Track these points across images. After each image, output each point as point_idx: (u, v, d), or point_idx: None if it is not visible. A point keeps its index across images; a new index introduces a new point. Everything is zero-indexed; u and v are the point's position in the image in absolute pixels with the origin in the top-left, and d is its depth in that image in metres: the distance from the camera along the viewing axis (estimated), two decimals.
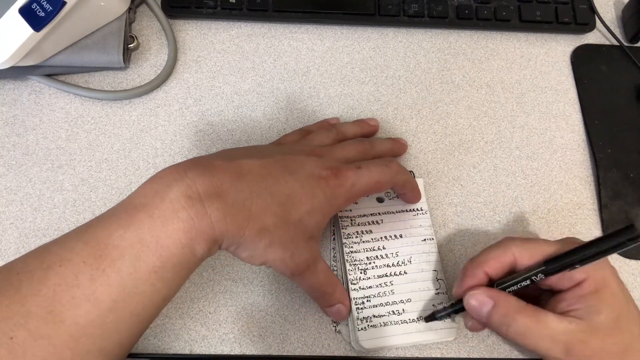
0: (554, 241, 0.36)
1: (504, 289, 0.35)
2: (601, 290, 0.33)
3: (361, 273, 0.40)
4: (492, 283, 0.36)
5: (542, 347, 0.33)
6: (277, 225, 0.32)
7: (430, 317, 0.39)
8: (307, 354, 0.39)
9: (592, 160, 0.47)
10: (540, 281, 0.34)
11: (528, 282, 0.34)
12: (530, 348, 0.33)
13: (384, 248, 0.41)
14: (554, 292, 0.36)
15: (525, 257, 0.35)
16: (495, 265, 0.35)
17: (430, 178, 0.45)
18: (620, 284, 0.35)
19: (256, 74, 0.49)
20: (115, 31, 0.46)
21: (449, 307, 0.37)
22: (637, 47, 0.52)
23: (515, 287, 0.35)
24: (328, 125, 0.44)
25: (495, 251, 0.36)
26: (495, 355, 0.40)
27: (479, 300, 0.34)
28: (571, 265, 0.33)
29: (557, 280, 0.34)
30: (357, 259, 0.40)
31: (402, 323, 0.39)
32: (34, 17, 0.40)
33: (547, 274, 0.34)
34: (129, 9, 0.48)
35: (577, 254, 0.33)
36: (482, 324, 0.36)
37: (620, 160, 0.46)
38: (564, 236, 0.39)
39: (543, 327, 0.33)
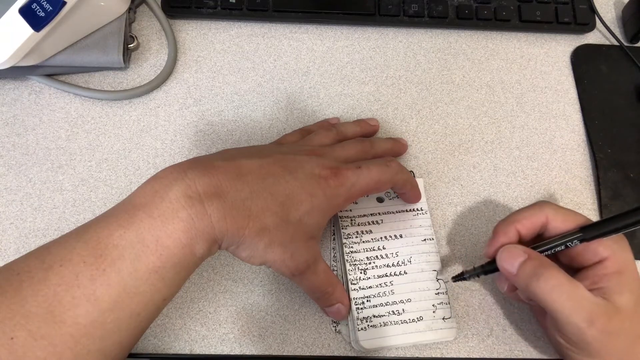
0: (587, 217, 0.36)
1: (539, 250, 0.35)
2: (623, 272, 0.33)
3: (361, 273, 0.40)
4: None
5: (567, 307, 0.32)
6: (277, 225, 0.32)
7: (458, 277, 0.39)
8: (307, 354, 0.39)
9: (592, 160, 0.47)
10: (573, 247, 0.34)
11: (563, 247, 0.34)
12: (554, 306, 0.32)
13: (384, 248, 0.41)
14: (574, 271, 0.35)
15: (558, 220, 0.35)
16: (527, 224, 0.35)
17: (430, 178, 0.45)
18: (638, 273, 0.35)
19: (256, 74, 0.49)
20: (115, 31, 0.46)
21: (479, 267, 0.37)
22: (637, 47, 0.52)
23: (549, 252, 0.35)
24: (328, 125, 0.44)
25: (529, 210, 0.36)
26: (495, 355, 0.40)
27: (512, 253, 0.34)
28: (609, 234, 0.33)
29: (581, 252, 0.34)
30: (357, 259, 0.40)
31: (402, 323, 0.39)
32: (34, 17, 0.40)
33: (583, 240, 0.34)
34: (129, 9, 0.48)
35: (616, 222, 0.33)
36: (510, 279, 0.35)
37: (620, 160, 0.46)
38: None
39: (574, 287, 0.32)
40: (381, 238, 0.41)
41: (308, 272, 0.35)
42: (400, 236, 0.42)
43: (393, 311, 0.39)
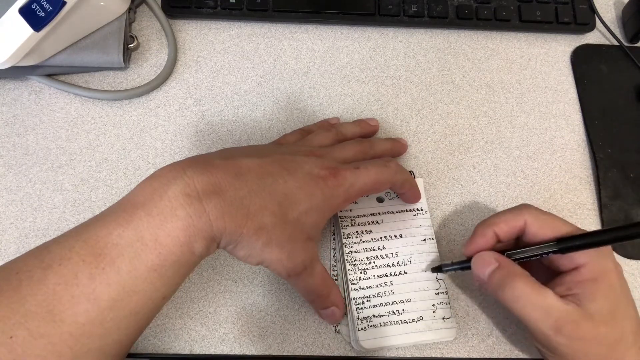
0: (568, 222, 0.36)
1: (513, 258, 0.36)
2: (599, 280, 0.34)
3: (361, 273, 0.40)
4: (501, 251, 0.36)
5: (533, 316, 0.33)
6: (274, 224, 0.32)
7: (437, 269, 0.40)
8: (307, 354, 0.39)
9: (592, 160, 0.47)
10: (547, 256, 0.35)
11: (537, 257, 0.35)
12: (521, 315, 0.34)
13: (384, 248, 0.41)
14: (553, 274, 0.36)
15: (536, 226, 0.35)
16: (505, 228, 0.36)
17: (430, 178, 0.45)
18: (621, 279, 0.35)
19: (256, 74, 0.49)
20: (115, 31, 0.46)
21: (456, 263, 0.39)
22: (637, 47, 0.52)
23: (523, 260, 0.35)
24: (328, 125, 0.44)
25: (508, 214, 0.36)
26: (495, 355, 0.40)
27: (485, 260, 0.35)
28: (584, 248, 0.33)
29: (558, 258, 0.35)
30: (357, 259, 0.40)
31: (402, 323, 0.38)
32: (34, 17, 0.40)
33: (557, 252, 0.34)
34: (129, 9, 0.48)
35: (592, 238, 0.33)
36: (482, 284, 0.36)
37: (620, 160, 0.46)
38: None
39: (540, 298, 0.33)
40: (381, 238, 0.41)
41: (304, 274, 0.35)
42: (400, 236, 0.42)
43: (393, 311, 0.39)
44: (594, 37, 0.52)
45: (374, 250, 0.41)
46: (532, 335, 0.35)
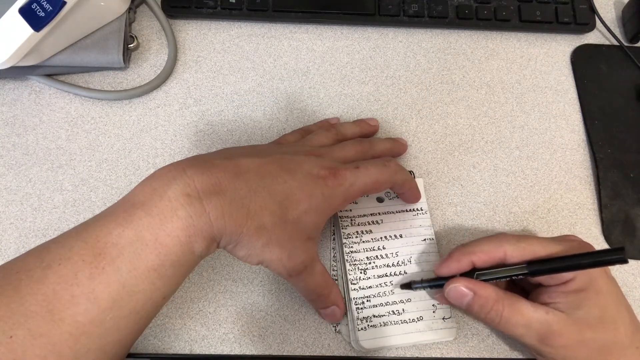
0: (550, 240, 0.36)
1: (484, 278, 0.36)
2: (585, 289, 0.34)
3: (361, 273, 0.40)
4: (473, 270, 0.36)
5: (517, 333, 0.35)
6: (275, 224, 0.32)
7: (406, 286, 0.39)
8: (307, 354, 0.39)
9: (592, 160, 0.47)
10: (520, 279, 0.36)
11: (508, 279, 0.35)
12: (506, 333, 0.36)
13: (384, 248, 0.41)
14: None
15: (516, 256, 0.35)
16: (484, 258, 0.36)
17: (430, 178, 0.45)
18: (610, 284, 0.35)
19: (256, 74, 0.49)
20: (115, 31, 0.46)
21: (426, 280, 0.38)
22: (637, 47, 0.52)
23: (493, 280, 0.36)
24: (328, 125, 0.44)
25: (488, 245, 0.36)
26: (495, 355, 0.40)
27: (459, 292, 0.36)
28: (553, 272, 0.34)
29: (544, 277, 0.35)
30: (357, 259, 0.40)
31: (402, 323, 0.38)
32: (34, 17, 0.40)
33: (528, 275, 0.35)
34: (129, 9, 0.48)
35: (561, 263, 0.34)
36: (461, 309, 0.37)
37: (620, 160, 0.46)
38: None
39: (518, 316, 0.34)
40: (381, 238, 0.41)
41: (305, 273, 0.35)
42: (400, 236, 0.42)
43: (393, 311, 0.39)
44: (594, 37, 0.52)
45: (374, 250, 0.41)
46: (524, 346, 0.36)
